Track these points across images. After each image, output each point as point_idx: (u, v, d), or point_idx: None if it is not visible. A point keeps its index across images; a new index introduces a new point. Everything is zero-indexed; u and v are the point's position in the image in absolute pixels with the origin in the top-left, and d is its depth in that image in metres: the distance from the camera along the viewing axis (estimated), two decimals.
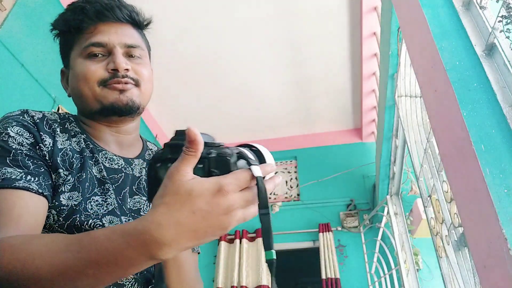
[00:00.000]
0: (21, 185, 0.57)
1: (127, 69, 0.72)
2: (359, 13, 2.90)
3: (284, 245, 3.67)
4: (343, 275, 3.31)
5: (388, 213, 2.97)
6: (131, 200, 0.72)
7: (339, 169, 3.89)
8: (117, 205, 0.68)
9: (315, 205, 3.80)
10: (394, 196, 3.03)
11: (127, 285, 0.66)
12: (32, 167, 0.61)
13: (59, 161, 0.65)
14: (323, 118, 4.10)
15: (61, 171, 0.64)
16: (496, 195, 0.84)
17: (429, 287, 2.76)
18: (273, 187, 0.49)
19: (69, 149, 0.68)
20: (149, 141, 0.89)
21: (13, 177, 0.58)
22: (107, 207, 0.66)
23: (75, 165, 0.67)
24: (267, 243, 0.46)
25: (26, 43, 2.36)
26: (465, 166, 0.97)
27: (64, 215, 0.61)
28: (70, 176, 0.65)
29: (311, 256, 3.61)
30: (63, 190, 0.63)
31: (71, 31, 0.75)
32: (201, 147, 0.44)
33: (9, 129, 0.64)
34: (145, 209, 0.73)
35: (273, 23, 3.04)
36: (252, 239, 3.64)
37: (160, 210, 0.43)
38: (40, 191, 0.59)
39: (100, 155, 0.73)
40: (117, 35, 0.74)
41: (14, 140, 0.62)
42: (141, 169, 0.77)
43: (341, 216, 3.68)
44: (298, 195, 4.00)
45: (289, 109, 3.97)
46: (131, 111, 0.73)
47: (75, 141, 0.71)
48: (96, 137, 0.76)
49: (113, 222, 0.66)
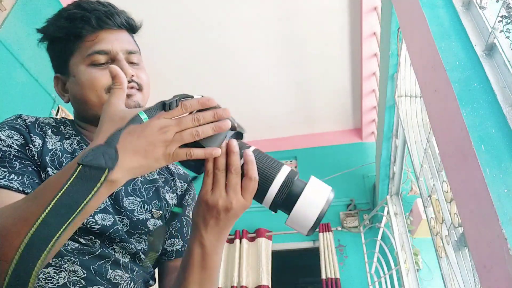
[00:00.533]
0: (1, 183, 0.59)
1: (132, 75, 0.75)
2: (359, 13, 2.90)
3: (284, 245, 3.67)
4: (343, 275, 3.30)
5: (388, 213, 2.97)
6: (126, 199, 0.73)
7: (339, 169, 3.89)
8: (109, 203, 0.70)
9: None
10: (394, 196, 3.03)
11: (122, 284, 0.67)
12: (18, 166, 0.63)
13: (48, 160, 0.67)
14: (323, 118, 4.10)
15: (49, 170, 0.66)
16: (496, 195, 0.84)
17: (429, 287, 2.76)
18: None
19: (59, 150, 0.70)
20: None
21: None
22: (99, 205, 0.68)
23: (64, 164, 0.68)
24: None
25: (26, 43, 2.36)
26: (465, 166, 0.97)
27: None
28: None
29: (311, 256, 3.61)
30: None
31: (70, 39, 0.76)
32: (124, 80, 0.53)
33: (0, 133, 0.66)
34: (139, 210, 0.73)
35: (273, 23, 3.04)
36: (252, 239, 3.64)
37: (98, 136, 0.49)
38: (21, 189, 0.60)
39: None
40: (118, 42, 0.76)
41: (3, 143, 0.65)
42: None
43: (341, 216, 3.68)
44: None
45: (289, 109, 3.97)
46: None
47: (68, 143, 0.73)
48: (91, 139, 0.76)
49: (105, 219, 0.68)
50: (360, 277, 3.29)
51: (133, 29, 0.82)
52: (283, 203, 0.58)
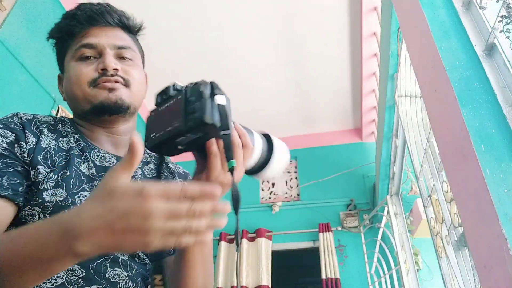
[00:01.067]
0: None
1: (116, 69, 0.74)
2: (359, 13, 2.90)
3: (284, 245, 3.67)
4: (343, 275, 3.30)
5: (388, 213, 2.97)
6: None
7: (339, 169, 3.89)
8: None
9: (315, 205, 3.80)
10: (394, 196, 3.03)
11: (121, 283, 0.67)
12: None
13: (39, 158, 0.67)
14: (323, 118, 4.10)
15: (41, 168, 0.65)
16: (496, 195, 0.84)
17: (429, 287, 2.76)
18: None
19: (53, 148, 0.70)
20: None
21: None
22: None
23: (57, 163, 0.68)
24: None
25: (26, 43, 2.36)
26: (465, 166, 0.97)
27: (49, 211, 0.63)
28: (52, 173, 0.66)
29: (311, 256, 3.61)
30: (46, 187, 0.64)
31: (64, 37, 0.78)
32: (137, 160, 0.45)
33: None
34: None
35: (273, 23, 3.04)
36: (252, 239, 3.64)
37: (86, 202, 0.45)
38: None
39: (92, 153, 0.74)
40: (107, 37, 0.76)
41: None
42: (137, 169, 0.78)
43: (341, 216, 3.68)
44: (298, 195, 4.00)
45: (289, 109, 3.97)
46: (120, 110, 0.74)
47: (65, 141, 0.73)
48: (90, 137, 0.77)
49: None
50: (360, 277, 3.29)
51: (128, 27, 0.81)
52: (258, 169, 0.64)
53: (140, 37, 0.86)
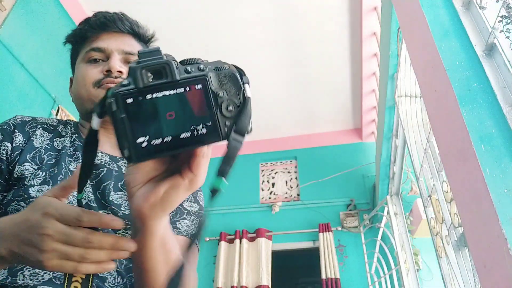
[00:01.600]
0: None
1: (120, 71, 0.76)
2: (359, 13, 2.89)
3: (284, 245, 3.67)
4: (343, 275, 3.30)
5: (388, 213, 2.97)
6: (114, 194, 0.73)
7: (339, 169, 3.89)
8: (93, 198, 0.70)
9: (315, 205, 3.80)
10: (394, 196, 3.03)
11: (109, 278, 0.67)
12: None
13: (28, 157, 0.71)
14: (323, 118, 4.10)
15: (28, 165, 0.69)
16: (496, 195, 0.84)
17: (429, 287, 2.76)
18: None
19: (44, 147, 0.73)
20: None
21: None
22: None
23: (46, 161, 0.71)
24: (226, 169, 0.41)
25: (26, 43, 2.36)
26: (465, 166, 0.97)
27: None
28: (40, 171, 0.69)
29: (311, 256, 3.61)
30: (33, 183, 0.67)
31: (78, 41, 0.82)
32: (70, 191, 0.47)
33: None
34: (126, 205, 0.74)
35: (273, 23, 3.04)
36: (252, 239, 3.64)
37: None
38: None
39: None
40: (116, 42, 0.79)
41: None
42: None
43: (341, 216, 3.68)
44: (298, 195, 4.00)
45: (289, 109, 3.97)
46: None
47: (61, 141, 0.76)
48: None
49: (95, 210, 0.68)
50: (360, 277, 3.29)
51: (138, 35, 0.84)
52: None
53: None
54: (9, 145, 0.71)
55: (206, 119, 0.38)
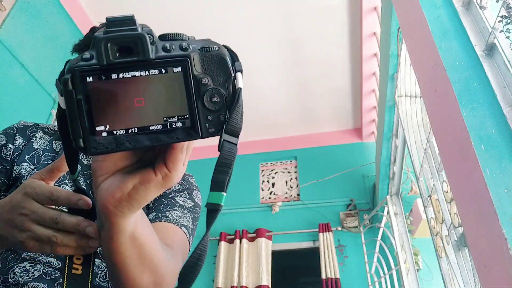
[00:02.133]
0: None
1: None
2: (359, 13, 2.89)
3: (284, 245, 3.67)
4: (343, 275, 3.30)
5: (388, 213, 2.97)
6: None
7: (339, 169, 3.89)
8: (84, 187, 0.73)
9: (315, 205, 3.80)
10: (394, 196, 3.03)
11: (100, 274, 0.68)
12: None
13: (27, 158, 0.74)
14: (323, 118, 4.10)
15: (26, 165, 0.73)
16: (496, 195, 0.84)
17: (429, 287, 2.76)
18: None
19: (42, 148, 0.77)
20: None
21: None
22: None
23: (42, 161, 0.75)
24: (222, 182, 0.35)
25: (26, 43, 2.36)
26: (465, 166, 0.97)
27: None
28: (36, 170, 0.73)
29: (311, 256, 3.60)
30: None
31: (83, 49, 0.87)
32: (57, 174, 0.46)
33: None
34: None
35: (273, 23, 3.04)
36: (252, 239, 3.64)
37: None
38: None
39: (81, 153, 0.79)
40: None
41: None
42: None
43: (341, 216, 3.68)
44: (298, 195, 4.00)
45: (289, 109, 3.97)
46: None
47: (59, 143, 0.80)
48: None
49: None
50: (360, 277, 3.29)
51: None
52: None
53: None
54: (11, 146, 0.75)
55: (183, 110, 0.31)
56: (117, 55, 0.30)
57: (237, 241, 3.60)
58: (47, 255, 0.66)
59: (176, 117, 0.31)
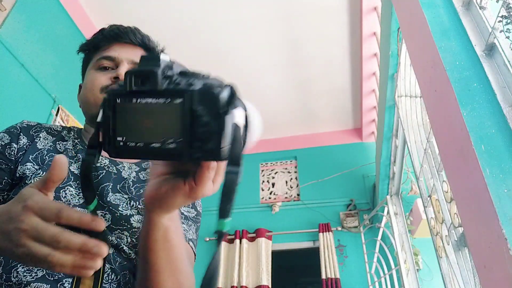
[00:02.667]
0: None
1: None
2: (359, 13, 2.90)
3: (284, 245, 3.67)
4: (343, 275, 3.30)
5: (388, 213, 2.97)
6: (112, 195, 0.74)
7: (339, 169, 3.90)
8: None
9: (315, 205, 3.80)
10: (394, 196, 3.03)
11: (103, 276, 0.67)
12: None
13: (31, 158, 0.74)
14: (323, 118, 4.10)
15: (30, 165, 0.73)
16: (496, 195, 0.84)
17: (429, 287, 2.76)
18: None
19: (46, 149, 0.77)
20: None
21: None
22: (79, 200, 0.71)
23: (47, 162, 0.74)
24: (227, 209, 0.39)
25: (26, 43, 2.36)
26: (465, 166, 0.97)
27: None
28: (41, 170, 0.72)
29: (311, 256, 3.61)
30: (33, 182, 0.68)
31: (90, 50, 0.86)
32: (54, 179, 0.43)
33: None
34: (124, 205, 0.74)
35: (273, 23, 3.04)
36: (252, 239, 3.64)
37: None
38: None
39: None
40: (127, 53, 0.84)
41: None
42: (131, 172, 0.81)
43: (341, 216, 3.68)
44: (298, 195, 4.00)
45: (289, 109, 3.97)
46: None
47: (63, 144, 0.80)
48: None
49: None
50: (360, 277, 3.29)
51: (149, 49, 0.88)
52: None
53: None
54: (16, 146, 0.75)
55: (178, 134, 0.38)
56: (137, 84, 0.39)
57: (237, 241, 3.60)
58: None
59: (172, 139, 0.38)
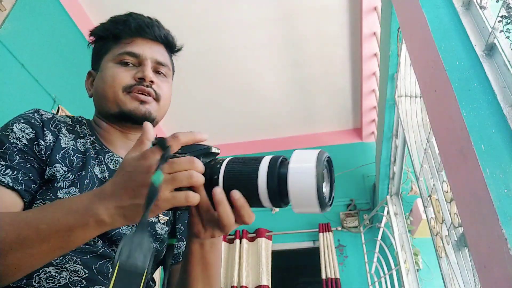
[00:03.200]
0: None
1: (152, 81, 0.77)
2: (359, 13, 2.89)
3: (284, 245, 3.67)
4: (343, 275, 3.30)
5: (388, 213, 2.97)
6: None
7: (339, 169, 3.89)
8: None
9: None
10: (394, 196, 3.03)
11: None
12: (17, 161, 0.64)
13: (58, 157, 0.69)
14: (323, 118, 4.10)
15: (59, 166, 0.68)
16: (496, 195, 0.84)
17: (429, 287, 2.76)
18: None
19: (71, 149, 0.72)
20: None
21: None
22: None
23: (75, 164, 0.70)
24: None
25: (26, 43, 2.36)
26: (465, 166, 0.97)
27: None
28: (70, 173, 0.68)
29: (311, 256, 3.61)
30: (62, 186, 0.66)
31: (109, 38, 0.81)
32: (149, 137, 0.52)
33: (15, 125, 0.68)
34: None
35: (273, 23, 3.04)
36: (252, 239, 3.64)
37: (115, 186, 0.50)
38: (11, 185, 0.62)
39: (106, 156, 0.76)
40: (151, 50, 0.80)
41: (14, 135, 0.66)
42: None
43: (341, 216, 3.68)
44: None
45: (289, 109, 3.97)
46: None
47: (82, 142, 0.75)
48: (106, 139, 0.79)
49: None
50: (360, 277, 3.29)
51: (170, 45, 0.87)
52: (280, 192, 0.47)
53: None
54: (44, 144, 0.69)
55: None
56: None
57: (237, 241, 3.60)
58: (74, 262, 0.63)
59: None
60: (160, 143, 0.49)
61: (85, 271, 0.63)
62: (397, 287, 2.89)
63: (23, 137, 0.67)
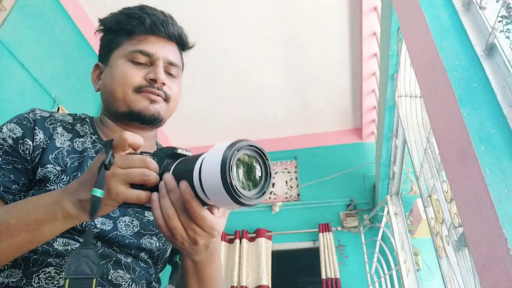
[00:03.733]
0: None
1: (163, 83, 0.76)
2: (359, 13, 2.90)
3: (284, 245, 3.67)
4: (343, 275, 3.30)
5: (388, 213, 2.97)
6: None
7: (339, 169, 3.89)
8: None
9: (315, 205, 3.80)
10: (394, 196, 3.03)
11: (124, 285, 0.67)
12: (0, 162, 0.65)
13: (51, 158, 0.68)
14: (323, 118, 4.10)
15: (51, 167, 0.67)
16: (496, 195, 0.84)
17: (429, 287, 2.76)
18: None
19: (66, 149, 0.71)
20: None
21: None
22: None
23: (70, 164, 0.69)
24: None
25: (26, 43, 2.36)
26: (465, 166, 0.97)
27: None
28: (64, 174, 0.67)
29: (311, 256, 3.61)
30: (56, 187, 0.66)
31: (121, 32, 0.78)
32: (127, 143, 0.53)
33: (5, 125, 0.69)
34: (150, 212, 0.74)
35: (273, 23, 3.04)
36: (252, 239, 3.64)
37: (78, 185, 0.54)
38: None
39: None
40: (164, 50, 0.78)
41: (1, 135, 0.67)
42: None
43: (341, 216, 3.68)
44: (298, 195, 4.00)
45: (289, 109, 3.97)
46: (154, 122, 0.77)
47: (81, 141, 0.74)
48: (109, 137, 0.78)
49: (105, 224, 0.68)
50: (360, 277, 3.29)
51: (183, 44, 0.84)
52: (201, 187, 0.45)
53: None
54: (31, 143, 0.68)
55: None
56: None
57: (237, 241, 3.60)
58: None
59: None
60: (108, 141, 0.53)
61: None
62: (397, 287, 2.89)
63: (9, 137, 0.67)
